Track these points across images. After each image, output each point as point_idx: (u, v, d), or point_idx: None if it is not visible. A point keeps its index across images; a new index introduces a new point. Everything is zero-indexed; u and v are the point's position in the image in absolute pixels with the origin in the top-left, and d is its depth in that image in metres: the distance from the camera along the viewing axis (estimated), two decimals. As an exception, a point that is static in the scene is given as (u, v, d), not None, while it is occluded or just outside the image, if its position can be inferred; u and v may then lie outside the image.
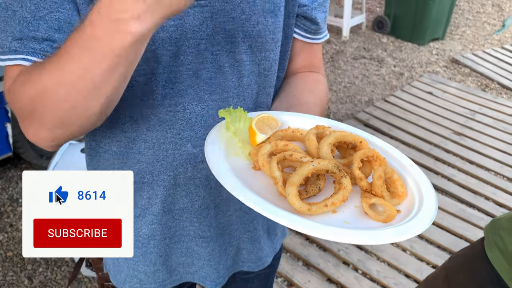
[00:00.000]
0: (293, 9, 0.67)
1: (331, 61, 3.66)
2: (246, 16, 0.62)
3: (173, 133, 0.67)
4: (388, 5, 4.08)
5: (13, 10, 0.56)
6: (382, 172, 0.48)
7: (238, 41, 0.63)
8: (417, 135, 2.70)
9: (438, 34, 4.03)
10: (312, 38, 0.73)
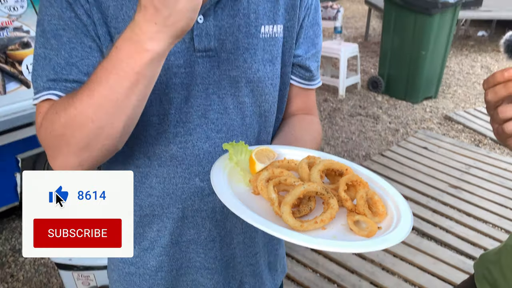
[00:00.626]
0: (289, 59, 0.77)
1: (328, 117, 3.80)
2: (248, 64, 0.71)
3: (183, 168, 0.74)
4: (381, 66, 4.31)
5: (50, 58, 0.66)
6: (364, 194, 0.55)
7: (241, 86, 0.72)
8: (414, 188, 2.75)
9: (431, 93, 4.21)
10: (307, 84, 0.82)
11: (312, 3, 0.77)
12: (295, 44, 0.77)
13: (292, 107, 0.84)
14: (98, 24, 0.66)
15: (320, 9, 0.81)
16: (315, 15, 0.78)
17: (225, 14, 0.69)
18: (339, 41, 4.20)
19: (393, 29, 4.05)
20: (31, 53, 1.63)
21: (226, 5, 0.69)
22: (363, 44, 5.97)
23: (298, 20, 0.75)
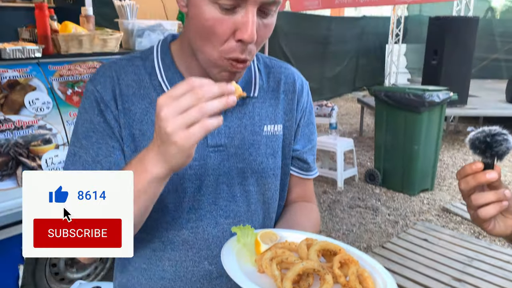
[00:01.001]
0: (288, 153, 0.90)
1: (328, 209, 3.87)
2: (253, 157, 0.83)
3: (193, 252, 0.82)
4: (377, 160, 4.48)
5: (80, 156, 0.78)
6: (355, 270, 0.63)
7: (247, 176, 0.83)
8: (416, 281, 2.72)
9: (427, 185, 4.33)
10: (305, 174, 0.94)
11: (307, 106, 0.92)
12: (293, 140, 0.90)
13: (292, 195, 0.94)
14: (123, 127, 0.79)
15: (313, 111, 0.95)
16: (310, 116, 0.92)
17: (234, 116, 0.83)
18: (335, 136, 4.44)
19: (385, 126, 4.30)
20: (51, 148, 1.78)
21: (235, 109, 0.83)
22: (359, 139, 6.24)
23: (295, 120, 0.89)
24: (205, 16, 0.68)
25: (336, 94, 9.79)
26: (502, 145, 0.69)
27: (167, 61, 0.81)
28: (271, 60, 0.92)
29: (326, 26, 9.37)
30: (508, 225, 0.76)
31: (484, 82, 8.27)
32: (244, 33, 0.68)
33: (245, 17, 0.67)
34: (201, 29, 0.70)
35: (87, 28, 2.14)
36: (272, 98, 0.87)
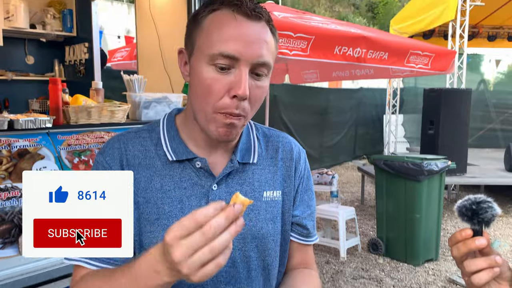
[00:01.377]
0: (288, 218, 0.93)
1: (331, 280, 3.76)
2: (253, 223, 0.86)
3: None
4: (379, 229, 4.43)
5: None
6: None
7: (247, 241, 0.85)
8: None
9: (431, 255, 4.24)
10: (305, 240, 0.96)
11: (304, 173, 0.96)
12: (292, 206, 0.93)
13: (293, 262, 0.96)
14: None
15: (311, 178, 1.00)
16: (308, 182, 0.97)
17: (234, 183, 0.87)
18: (336, 204, 4.43)
19: (385, 194, 4.31)
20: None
21: (235, 176, 0.87)
22: (360, 208, 6.21)
23: (294, 187, 0.93)
24: (204, 76, 0.77)
25: (337, 163, 9.89)
26: (487, 212, 0.72)
27: (172, 132, 0.88)
28: (269, 130, 0.98)
29: (325, 97, 9.72)
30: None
31: (482, 151, 8.40)
32: (237, 89, 0.76)
33: (238, 76, 0.76)
34: (200, 89, 0.79)
35: (96, 100, 2.25)
36: (271, 165, 0.92)
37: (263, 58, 0.78)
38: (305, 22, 3.78)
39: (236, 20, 0.77)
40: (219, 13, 0.79)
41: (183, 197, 0.83)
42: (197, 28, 0.81)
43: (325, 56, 3.27)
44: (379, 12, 29.15)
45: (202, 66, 0.78)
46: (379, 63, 3.62)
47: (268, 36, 0.80)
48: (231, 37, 0.76)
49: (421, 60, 4.19)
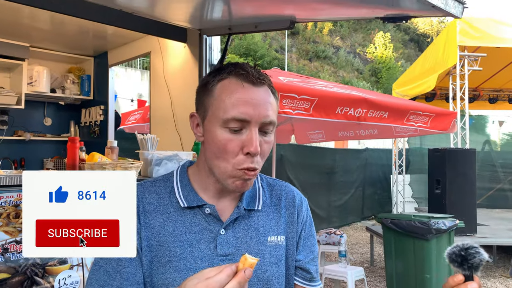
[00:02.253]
0: (292, 263, 0.98)
1: None
2: (258, 266, 0.91)
3: None
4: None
5: (100, 266, 0.88)
6: None
7: (253, 284, 0.91)
8: None
9: (445, 319, 4.08)
10: (308, 284, 1.01)
11: (307, 220, 1.03)
12: (296, 251, 0.99)
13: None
14: (143, 239, 0.90)
15: (313, 225, 1.06)
16: (310, 229, 1.03)
17: (240, 228, 0.94)
18: (345, 264, 4.36)
19: (394, 254, 4.26)
20: (65, 268, 1.85)
21: (241, 221, 0.94)
22: (370, 269, 6.07)
23: (296, 232, 1.00)
24: (218, 138, 0.88)
25: (345, 223, 9.78)
26: (475, 258, 0.79)
27: (185, 182, 0.97)
28: (273, 180, 1.07)
29: (331, 157, 9.84)
30: None
31: (492, 211, 8.31)
32: (250, 147, 0.86)
33: (249, 135, 0.87)
34: (216, 149, 0.89)
35: (111, 158, 2.37)
36: (275, 212, 0.99)
37: (269, 118, 0.89)
38: (309, 85, 3.99)
39: (244, 88, 0.88)
40: (227, 81, 0.89)
41: (193, 240, 0.90)
42: (208, 95, 0.91)
43: (327, 116, 3.43)
44: (382, 77, 30.17)
45: (217, 128, 0.88)
46: (379, 121, 3.76)
47: (271, 98, 0.91)
48: (241, 103, 0.86)
49: (421, 119, 4.34)
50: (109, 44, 3.93)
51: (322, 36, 30.42)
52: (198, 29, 2.98)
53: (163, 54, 3.40)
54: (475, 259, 0.79)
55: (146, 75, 20.25)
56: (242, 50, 22.89)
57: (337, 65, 29.54)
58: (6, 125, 4.05)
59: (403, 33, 35.56)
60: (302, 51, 28.49)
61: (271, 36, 26.54)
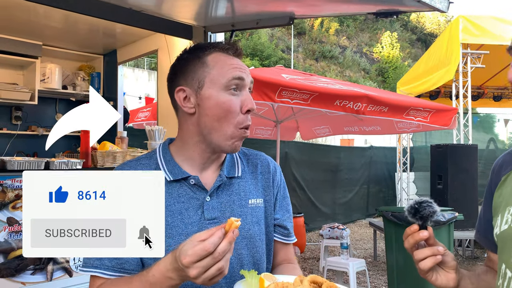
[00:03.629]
0: (270, 221, 1.12)
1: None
2: (242, 226, 1.05)
3: None
4: (390, 282, 4.42)
5: None
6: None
7: (238, 241, 1.03)
8: None
9: (444, 309, 4.18)
10: (286, 239, 1.15)
11: (281, 184, 1.17)
12: (273, 211, 1.13)
13: (278, 258, 1.15)
14: None
15: (286, 188, 1.19)
16: (284, 191, 1.17)
17: (224, 194, 1.06)
18: (347, 256, 4.48)
19: (395, 246, 4.36)
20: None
21: (224, 188, 1.06)
22: (373, 263, 6.17)
23: (273, 195, 1.14)
24: (222, 100, 1.00)
25: (350, 220, 9.87)
26: (426, 210, 0.91)
27: (168, 157, 1.07)
28: (248, 150, 1.20)
29: (336, 155, 9.95)
30: (449, 278, 0.93)
31: (496, 208, 8.32)
32: (249, 105, 1.01)
33: (245, 95, 1.03)
34: (220, 111, 1.00)
35: (121, 147, 2.52)
36: (252, 178, 1.12)
37: (251, 79, 1.05)
38: (311, 83, 4.11)
39: (232, 58, 1.04)
40: (216, 54, 1.03)
41: (182, 209, 1.02)
42: (201, 67, 1.02)
43: (326, 107, 3.54)
44: (389, 76, 30.17)
45: (219, 93, 1.00)
46: (378, 115, 3.87)
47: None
48: (235, 68, 1.01)
49: (421, 114, 4.44)
50: (118, 42, 4.09)
51: (328, 36, 30.48)
52: (203, 26, 3.12)
53: (169, 51, 3.55)
54: (426, 211, 0.91)
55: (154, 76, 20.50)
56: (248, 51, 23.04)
57: (343, 65, 29.58)
58: (20, 120, 4.23)
59: (410, 33, 35.48)
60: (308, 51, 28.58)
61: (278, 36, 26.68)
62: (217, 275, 0.78)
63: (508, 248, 0.88)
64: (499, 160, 1.04)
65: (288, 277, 0.96)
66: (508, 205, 0.91)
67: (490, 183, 1.04)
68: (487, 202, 1.04)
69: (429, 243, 0.92)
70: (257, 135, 6.76)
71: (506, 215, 0.90)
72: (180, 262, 0.78)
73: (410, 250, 0.93)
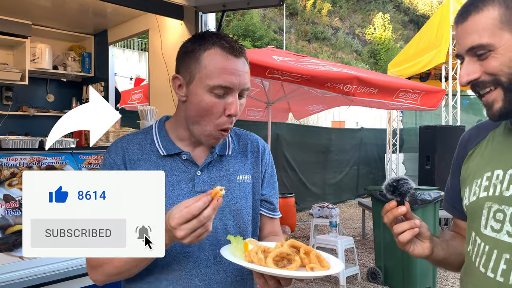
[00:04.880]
0: (258, 197, 1.19)
1: (330, 307, 3.87)
2: (229, 199, 1.12)
3: (186, 272, 1.06)
4: (378, 259, 4.57)
5: None
6: (314, 254, 0.89)
7: (226, 213, 1.10)
8: None
9: (429, 283, 4.34)
10: (272, 214, 1.22)
11: (269, 163, 1.23)
12: (261, 187, 1.19)
13: (264, 232, 1.22)
14: None
15: (274, 166, 1.25)
16: (272, 169, 1.24)
17: (214, 170, 1.12)
18: (335, 234, 4.60)
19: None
20: (75, 223, 2.05)
21: (214, 164, 1.13)
22: (361, 242, 6.33)
23: (261, 172, 1.20)
24: (205, 101, 1.03)
25: (340, 200, 10.04)
26: (403, 187, 0.97)
27: (163, 134, 1.13)
28: (240, 130, 1.26)
29: (327, 137, 10.05)
30: (424, 247, 1.01)
31: (482, 188, 8.51)
32: (232, 110, 1.04)
33: (231, 100, 1.04)
34: (202, 110, 1.05)
35: (114, 126, 2.55)
36: (242, 157, 1.19)
37: (247, 85, 1.06)
38: (301, 65, 4.14)
39: (228, 59, 1.02)
40: (213, 51, 1.02)
41: (174, 181, 1.08)
42: (195, 62, 1.03)
43: (317, 87, 3.59)
44: (381, 58, 30.16)
45: (203, 93, 1.02)
46: (368, 96, 3.93)
47: (246, 67, 1.08)
48: (226, 73, 1.01)
49: (411, 96, 4.51)
50: (108, 22, 4.06)
51: (321, 17, 30.26)
52: (194, 6, 3.13)
53: (161, 31, 3.55)
54: (403, 188, 0.97)
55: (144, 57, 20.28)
56: (240, 31, 22.83)
57: (336, 46, 29.47)
58: (11, 101, 4.22)
59: (403, 14, 35.33)
60: (300, 32, 28.39)
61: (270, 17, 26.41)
62: (202, 233, 0.87)
63: (477, 217, 0.96)
64: (465, 134, 1.10)
65: (270, 243, 1.03)
66: (475, 178, 0.98)
67: (458, 156, 1.10)
68: (454, 175, 1.11)
69: (406, 217, 0.99)
70: (249, 116, 6.79)
71: (474, 188, 0.97)
72: (169, 224, 0.85)
73: (390, 225, 1.00)
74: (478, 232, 0.96)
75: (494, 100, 0.89)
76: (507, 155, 0.94)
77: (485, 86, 0.89)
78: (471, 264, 0.97)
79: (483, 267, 0.92)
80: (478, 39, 0.86)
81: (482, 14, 0.86)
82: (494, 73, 0.87)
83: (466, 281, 1.00)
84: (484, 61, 0.88)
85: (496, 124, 1.01)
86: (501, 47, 0.85)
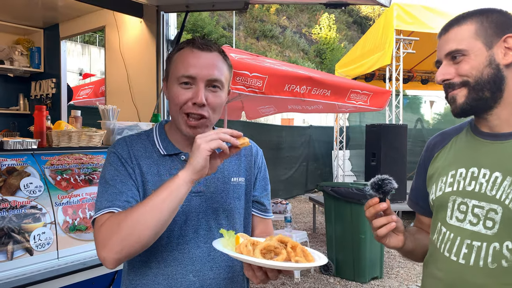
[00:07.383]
0: (250, 198, 1.26)
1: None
2: (224, 200, 1.18)
3: (181, 267, 1.11)
4: (329, 251, 4.80)
5: (108, 189, 1.08)
6: (300, 249, 0.98)
7: (219, 213, 1.17)
8: None
9: (376, 273, 4.64)
10: (264, 215, 1.29)
11: (262, 165, 1.30)
12: (253, 188, 1.26)
13: (257, 232, 1.29)
14: (138, 174, 1.13)
15: (267, 169, 1.33)
16: (265, 172, 1.31)
17: None
18: (290, 229, 4.76)
19: (334, 218, 4.72)
20: (39, 226, 2.00)
21: None
22: (312, 235, 6.58)
23: (253, 175, 1.27)
24: (174, 92, 1.13)
25: (290, 196, 10.31)
26: (387, 186, 1.10)
27: (163, 136, 1.21)
28: None
29: (278, 134, 10.26)
30: (399, 240, 1.14)
31: (421, 182, 9.12)
32: (196, 98, 1.11)
33: (196, 89, 1.11)
34: (172, 102, 1.14)
35: (75, 126, 2.50)
36: (236, 160, 1.26)
37: (214, 76, 1.12)
38: (259, 63, 4.24)
39: (193, 52, 1.12)
40: (182, 50, 1.14)
41: None
42: (170, 63, 1.16)
43: (277, 93, 3.72)
44: (326, 58, 31.08)
45: (173, 86, 1.13)
46: (322, 98, 4.12)
47: (219, 62, 1.15)
48: (190, 64, 1.10)
49: (361, 98, 4.77)
50: (60, 16, 3.91)
51: (269, 15, 30.60)
52: (156, 5, 3.11)
53: (118, 28, 3.49)
54: (387, 187, 1.10)
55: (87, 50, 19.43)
56: (189, 26, 22.54)
57: (283, 45, 29.95)
58: (-50, 96, 3.94)
59: (347, 15, 36.60)
60: (249, 30, 28.55)
61: (219, 13, 26.28)
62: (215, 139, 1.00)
63: (444, 209, 1.10)
64: (431, 140, 1.25)
65: (260, 239, 1.11)
66: (441, 176, 1.13)
67: (424, 159, 1.25)
68: (419, 176, 1.26)
69: (386, 213, 1.11)
70: (203, 115, 6.79)
71: (440, 184, 1.12)
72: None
73: (370, 219, 1.11)
74: (444, 223, 1.10)
75: (458, 95, 1.05)
76: (469, 156, 1.09)
77: (455, 88, 1.05)
78: (436, 251, 1.11)
79: (447, 252, 1.06)
80: (456, 45, 1.04)
81: (461, 27, 1.05)
82: (464, 74, 1.03)
83: (430, 266, 1.14)
84: (458, 65, 1.04)
85: (458, 131, 1.17)
86: (473, 53, 1.02)
